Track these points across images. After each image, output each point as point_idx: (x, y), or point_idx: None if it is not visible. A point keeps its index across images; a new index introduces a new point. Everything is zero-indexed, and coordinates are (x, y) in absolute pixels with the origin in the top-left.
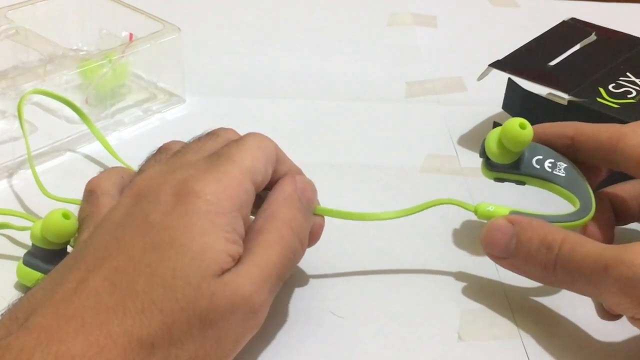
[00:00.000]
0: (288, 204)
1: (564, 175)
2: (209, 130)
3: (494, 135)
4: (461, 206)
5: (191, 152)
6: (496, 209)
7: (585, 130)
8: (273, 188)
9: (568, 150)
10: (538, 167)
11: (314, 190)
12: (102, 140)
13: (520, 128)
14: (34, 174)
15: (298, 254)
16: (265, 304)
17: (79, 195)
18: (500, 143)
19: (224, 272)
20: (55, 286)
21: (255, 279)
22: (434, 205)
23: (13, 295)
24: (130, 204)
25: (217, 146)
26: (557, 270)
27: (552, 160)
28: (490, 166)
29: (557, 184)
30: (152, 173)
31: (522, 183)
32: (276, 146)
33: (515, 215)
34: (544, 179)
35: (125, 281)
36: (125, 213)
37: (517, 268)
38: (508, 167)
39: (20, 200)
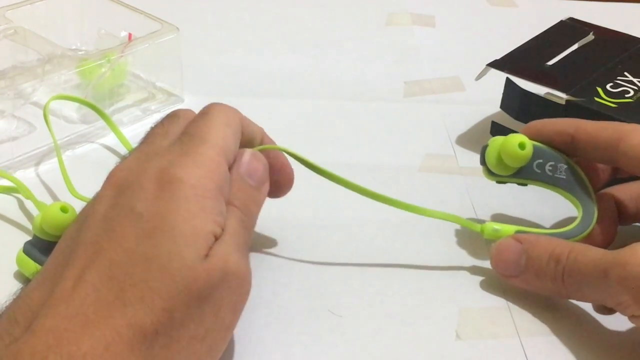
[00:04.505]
0: (235, 184)
1: (564, 177)
2: (168, 113)
3: (493, 148)
4: (467, 226)
5: (158, 137)
6: (502, 229)
7: (586, 128)
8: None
9: (568, 148)
10: (539, 171)
11: (258, 160)
12: (126, 144)
13: (519, 149)
14: (64, 174)
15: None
16: (249, 269)
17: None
18: (500, 157)
19: (209, 250)
20: (52, 285)
21: (235, 249)
22: (441, 218)
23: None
24: (112, 195)
25: (181, 127)
26: (565, 281)
27: (553, 163)
28: (492, 173)
29: (559, 187)
30: (128, 163)
31: (524, 184)
32: (241, 116)
33: (522, 234)
34: (546, 182)
35: (122, 273)
36: (110, 205)
37: (528, 284)
38: (509, 175)
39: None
